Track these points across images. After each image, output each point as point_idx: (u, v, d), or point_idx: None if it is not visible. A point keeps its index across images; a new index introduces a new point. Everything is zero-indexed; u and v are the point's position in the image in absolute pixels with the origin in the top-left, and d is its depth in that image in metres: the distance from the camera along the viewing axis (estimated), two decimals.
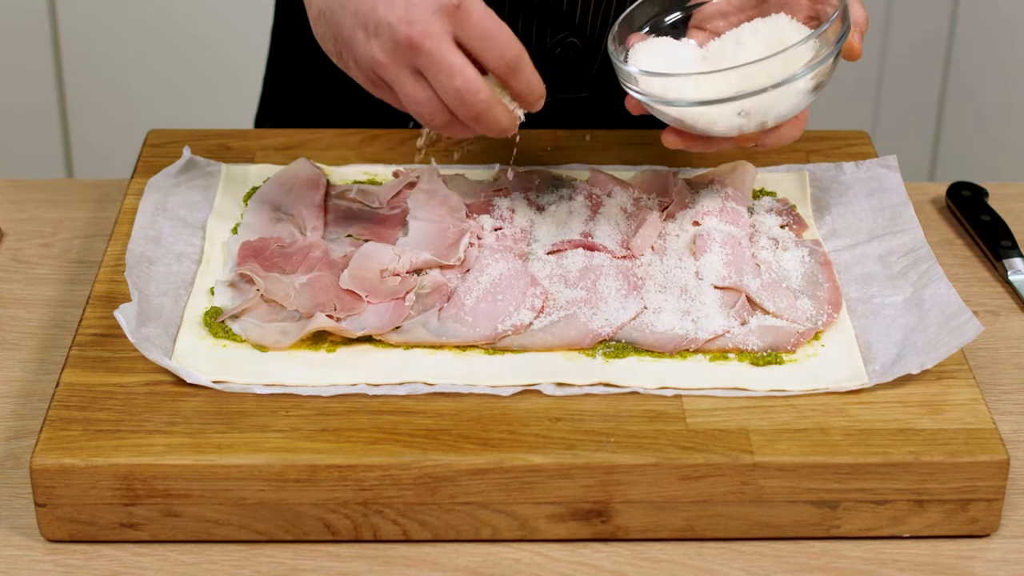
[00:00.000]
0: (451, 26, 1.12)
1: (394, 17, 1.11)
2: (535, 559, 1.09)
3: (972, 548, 1.10)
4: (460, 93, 1.13)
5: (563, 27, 1.45)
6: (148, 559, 1.08)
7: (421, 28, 1.11)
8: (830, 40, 1.20)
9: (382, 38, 1.12)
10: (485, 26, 1.13)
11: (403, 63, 1.13)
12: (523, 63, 1.15)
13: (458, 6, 1.12)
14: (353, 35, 1.14)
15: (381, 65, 1.13)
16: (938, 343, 1.16)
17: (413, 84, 1.14)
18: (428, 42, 1.11)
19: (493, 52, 1.13)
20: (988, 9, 2.58)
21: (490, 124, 1.15)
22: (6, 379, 1.23)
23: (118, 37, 2.60)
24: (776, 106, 1.21)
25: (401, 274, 1.23)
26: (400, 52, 1.12)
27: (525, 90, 1.16)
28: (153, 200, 1.32)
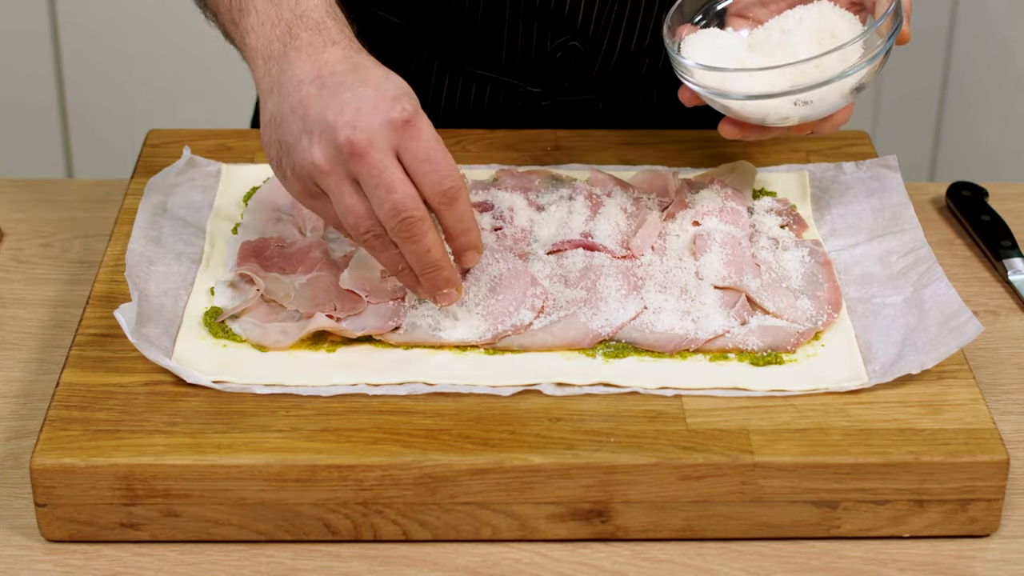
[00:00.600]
0: (397, 141, 1.09)
1: (341, 122, 1.08)
2: (535, 559, 1.09)
3: (972, 548, 1.10)
4: (396, 208, 1.09)
5: (564, 31, 1.45)
6: (148, 559, 1.08)
7: (365, 136, 1.08)
8: (884, 33, 1.21)
9: (324, 143, 1.09)
10: (430, 150, 1.09)
11: (342, 171, 1.10)
12: (460, 197, 1.11)
13: (407, 122, 1.09)
14: (297, 140, 1.10)
15: (320, 171, 1.10)
16: (938, 343, 1.16)
17: (351, 194, 1.10)
18: (371, 152, 1.08)
19: (432, 177, 1.10)
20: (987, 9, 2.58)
21: (420, 250, 1.12)
22: (6, 379, 1.23)
23: (118, 37, 2.60)
24: (830, 96, 1.22)
25: None
26: (341, 158, 1.09)
27: (456, 227, 1.13)
28: (153, 200, 1.32)
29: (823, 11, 1.25)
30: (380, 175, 1.08)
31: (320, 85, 1.11)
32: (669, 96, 1.52)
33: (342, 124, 1.08)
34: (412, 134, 1.09)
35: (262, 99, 1.15)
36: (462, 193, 1.11)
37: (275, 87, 1.13)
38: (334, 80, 1.11)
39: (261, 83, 1.15)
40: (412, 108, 1.09)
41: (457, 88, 1.51)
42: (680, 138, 1.46)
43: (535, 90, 1.50)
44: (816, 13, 1.25)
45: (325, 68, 1.12)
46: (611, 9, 1.44)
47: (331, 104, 1.09)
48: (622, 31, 1.46)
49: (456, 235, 1.14)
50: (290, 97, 1.12)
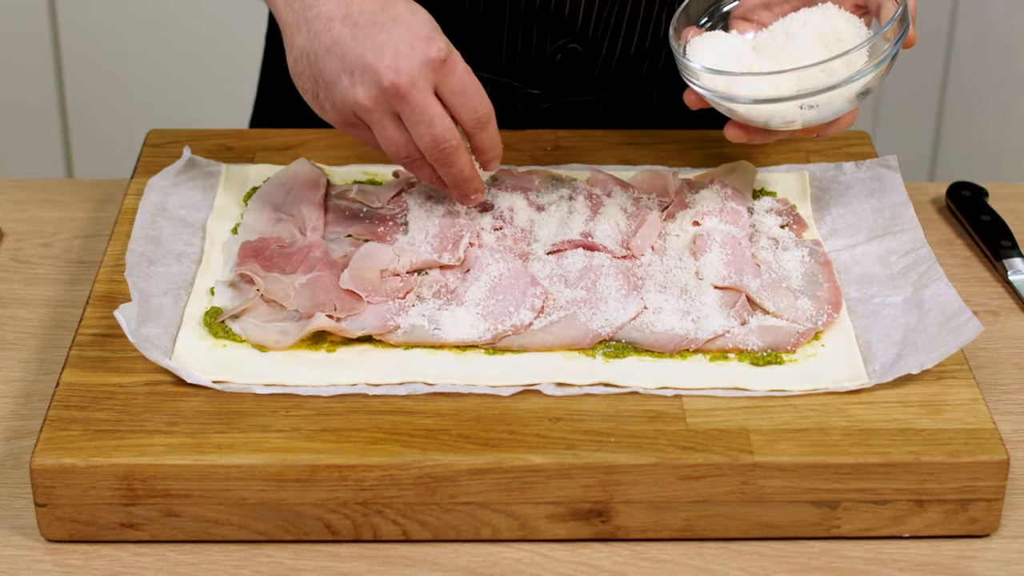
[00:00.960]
0: (435, 79, 1.18)
1: (382, 65, 1.16)
2: (535, 559, 1.09)
3: (972, 548, 1.10)
4: (436, 141, 1.19)
5: (564, 33, 1.45)
6: (148, 559, 1.08)
7: (408, 78, 1.17)
8: (891, 38, 1.21)
9: (367, 84, 1.17)
10: (465, 83, 1.19)
11: (385, 108, 1.19)
12: (491, 121, 1.22)
13: (444, 61, 1.18)
14: (336, 79, 1.18)
15: (363, 108, 1.18)
16: (938, 343, 1.16)
17: (393, 128, 1.20)
18: (413, 92, 1.17)
19: (468, 107, 1.20)
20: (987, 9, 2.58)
21: (455, 171, 1.22)
22: (6, 379, 1.23)
23: (118, 37, 2.60)
24: (836, 101, 1.22)
25: (401, 274, 1.23)
26: (384, 98, 1.18)
27: (486, 145, 1.23)
28: (153, 200, 1.32)
29: (827, 14, 1.25)
30: (422, 112, 1.18)
31: (352, 24, 1.18)
32: (669, 97, 1.52)
33: (384, 67, 1.16)
34: (448, 71, 1.18)
35: (287, 34, 1.21)
36: (492, 117, 1.22)
37: (302, 24, 1.20)
38: (365, 18, 1.18)
39: (284, 17, 1.21)
40: (446, 45, 1.18)
41: None
42: (680, 138, 1.46)
43: (535, 92, 1.49)
44: (820, 16, 1.25)
45: (353, 5, 1.19)
46: (611, 11, 1.44)
47: (368, 46, 1.17)
48: (622, 33, 1.46)
49: (486, 151, 1.24)
50: (322, 35, 1.18)
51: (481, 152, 1.24)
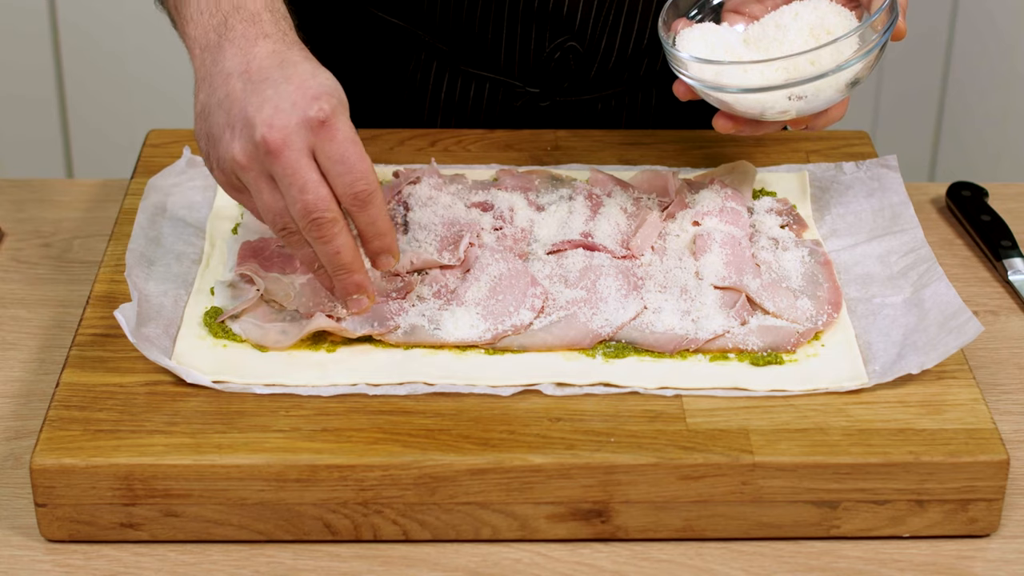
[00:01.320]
0: (313, 140, 1.09)
1: (259, 119, 1.09)
2: (535, 559, 1.09)
3: (972, 548, 1.10)
4: (307, 209, 1.09)
5: (562, 31, 1.45)
6: (148, 559, 1.08)
7: (281, 135, 1.08)
8: (879, 28, 1.21)
9: (243, 139, 1.10)
10: (345, 152, 1.09)
11: (260, 168, 1.10)
12: (372, 202, 1.11)
13: (323, 123, 1.09)
14: (221, 134, 1.11)
15: (239, 165, 1.10)
16: (938, 343, 1.16)
17: (268, 191, 1.11)
18: (285, 151, 1.08)
19: (345, 179, 1.09)
20: (987, 9, 2.58)
21: (330, 251, 1.11)
22: (6, 379, 1.23)
23: (118, 37, 2.60)
24: (825, 91, 1.21)
25: (401, 274, 1.23)
26: (258, 155, 1.09)
27: (369, 230, 1.12)
28: (153, 200, 1.32)
29: (818, 6, 1.25)
30: (293, 175, 1.09)
31: (247, 79, 1.11)
32: (668, 96, 1.52)
33: (260, 121, 1.09)
34: (327, 135, 1.09)
35: (196, 89, 1.15)
36: (375, 197, 1.11)
37: (207, 78, 1.14)
38: (260, 75, 1.11)
39: (197, 73, 1.16)
40: (330, 108, 1.09)
41: (456, 88, 1.51)
42: (680, 138, 1.46)
43: (534, 90, 1.50)
44: (811, 8, 1.25)
45: (253, 62, 1.12)
46: (609, 10, 1.44)
47: (253, 100, 1.10)
48: (620, 32, 1.46)
49: (370, 238, 1.13)
50: (218, 90, 1.12)
51: (365, 239, 1.13)
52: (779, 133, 1.48)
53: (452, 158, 1.43)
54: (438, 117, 1.52)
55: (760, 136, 1.38)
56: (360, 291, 1.14)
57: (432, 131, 1.47)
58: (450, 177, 1.36)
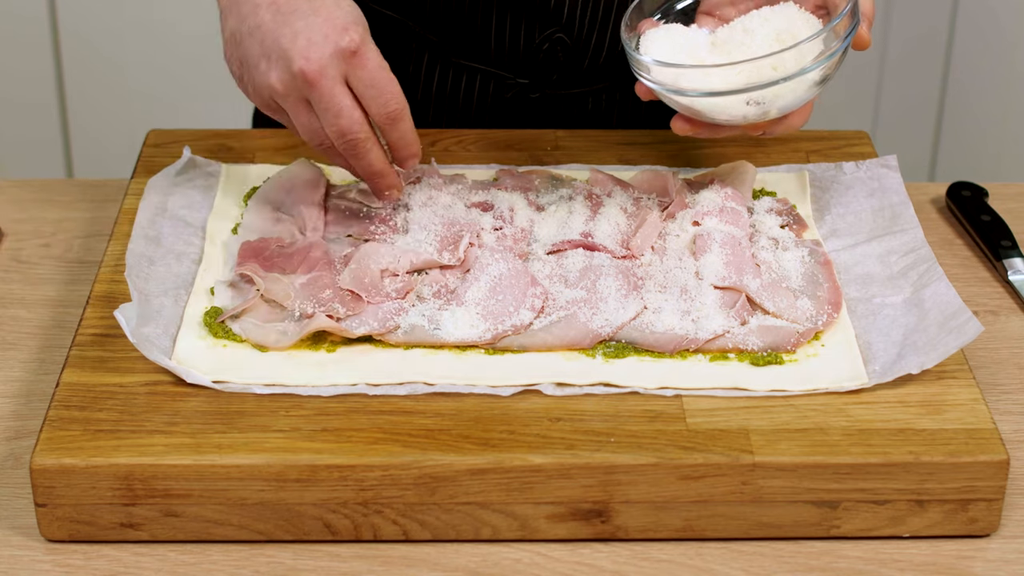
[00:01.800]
0: (345, 69, 1.19)
1: (295, 51, 1.18)
2: (535, 559, 1.09)
3: (972, 548, 1.10)
4: (343, 132, 1.20)
5: (551, 24, 1.45)
6: (148, 559, 1.08)
7: (317, 66, 1.18)
8: (840, 34, 1.20)
9: (280, 69, 1.19)
10: (376, 77, 1.19)
11: (296, 94, 1.20)
12: (403, 118, 1.22)
13: (355, 52, 1.18)
14: (257, 62, 1.20)
15: (277, 92, 1.20)
16: (938, 343, 1.16)
17: (305, 114, 1.21)
18: (321, 80, 1.18)
19: (378, 102, 1.20)
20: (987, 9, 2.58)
21: (364, 164, 1.23)
22: (6, 379, 1.23)
23: (118, 37, 2.60)
24: (784, 97, 1.21)
25: (401, 274, 1.23)
26: (295, 84, 1.19)
27: (399, 143, 1.23)
28: (153, 200, 1.32)
29: (787, 13, 1.25)
30: (329, 101, 1.19)
31: (275, 11, 1.20)
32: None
33: (295, 53, 1.18)
34: (359, 63, 1.19)
35: (222, 16, 1.24)
36: (405, 113, 1.21)
37: (233, 7, 1.22)
38: (288, 6, 1.20)
39: (220, 1, 1.24)
40: (360, 37, 1.19)
41: (447, 80, 1.51)
42: (680, 138, 1.46)
43: (523, 81, 1.50)
44: (780, 14, 1.25)
45: None
46: (597, 4, 1.44)
47: (285, 32, 1.19)
48: (609, 26, 1.46)
49: (399, 148, 1.24)
50: (248, 19, 1.21)
51: (395, 149, 1.24)
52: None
53: (452, 158, 1.43)
54: (430, 108, 1.53)
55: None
56: (392, 187, 1.27)
57: (432, 131, 1.47)
58: (450, 177, 1.36)
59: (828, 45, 1.20)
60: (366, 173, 1.24)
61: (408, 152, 1.24)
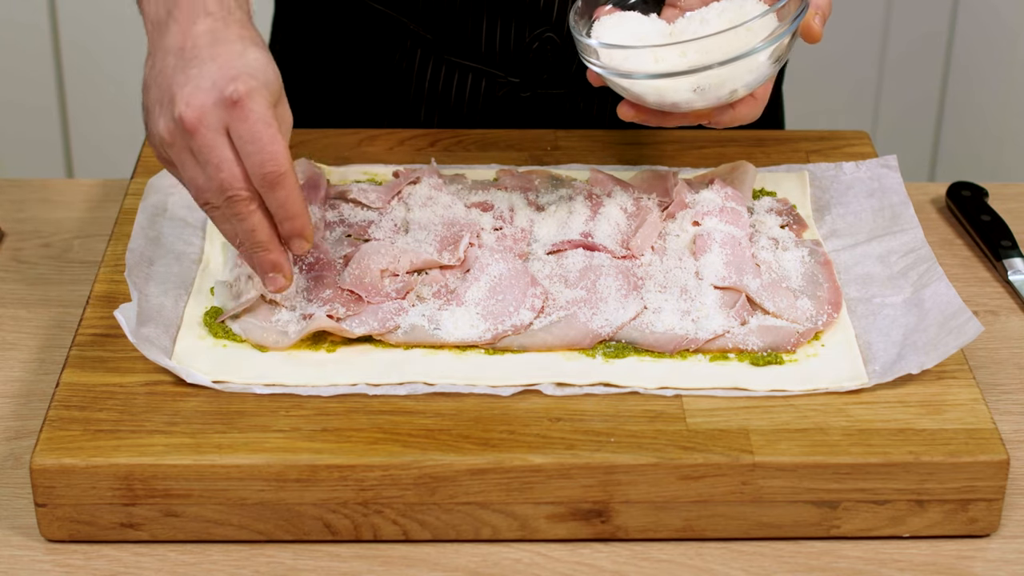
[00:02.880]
0: (227, 120, 1.10)
1: (179, 97, 1.11)
2: (535, 559, 1.09)
3: (972, 548, 1.10)
4: (222, 187, 1.11)
5: (540, 23, 1.45)
6: (148, 559, 1.08)
7: (197, 113, 1.10)
8: (786, 17, 1.20)
9: (166, 116, 1.12)
10: (256, 132, 1.10)
11: (180, 143, 1.12)
12: (283, 183, 1.11)
13: (236, 103, 1.09)
14: (152, 108, 1.14)
15: (164, 141, 1.12)
16: (938, 343, 1.16)
17: (191, 166, 1.12)
18: (200, 128, 1.10)
19: (255, 159, 1.10)
20: (988, 9, 2.58)
21: (246, 228, 1.13)
22: (6, 379, 1.23)
23: (118, 37, 2.60)
24: (730, 82, 1.21)
25: (401, 274, 1.23)
26: (178, 131, 1.11)
27: (279, 212, 1.13)
28: (153, 200, 1.32)
29: (744, 5, 1.24)
30: (209, 152, 1.10)
31: (179, 57, 1.13)
32: None
33: (180, 99, 1.11)
34: (240, 115, 1.10)
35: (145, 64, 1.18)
36: (286, 178, 1.11)
37: (152, 53, 1.16)
38: (192, 54, 1.12)
39: (148, 47, 1.18)
40: (245, 88, 1.10)
41: (440, 77, 1.51)
42: (680, 138, 1.46)
43: (514, 80, 1.50)
44: (737, 7, 1.24)
45: (189, 40, 1.13)
46: None
47: (179, 77, 1.12)
48: None
49: (281, 220, 1.13)
50: (156, 65, 1.14)
51: (277, 220, 1.13)
52: (779, 133, 1.48)
53: (452, 158, 1.43)
54: (422, 107, 1.53)
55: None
56: (276, 270, 1.15)
57: (432, 131, 1.47)
58: (450, 177, 1.36)
59: (774, 29, 1.19)
60: (248, 243, 1.14)
61: (292, 226, 1.13)
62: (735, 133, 1.47)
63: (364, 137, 1.46)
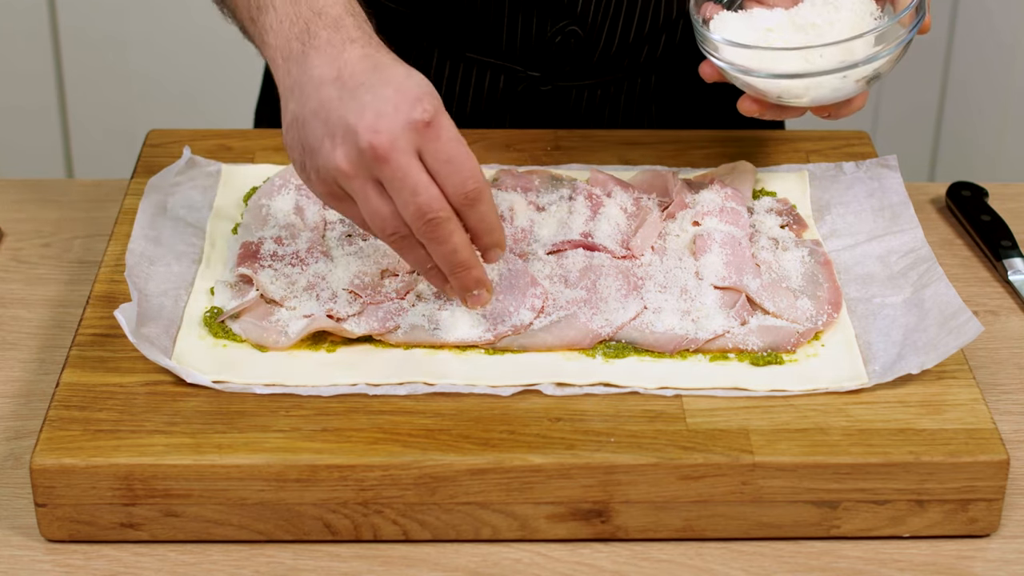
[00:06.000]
0: (419, 142, 1.08)
1: (362, 126, 1.07)
2: (535, 559, 1.09)
3: (972, 548, 1.10)
4: (421, 210, 1.08)
5: (564, 15, 1.45)
6: (148, 559, 1.08)
7: (388, 139, 1.07)
8: (906, 24, 1.23)
9: (347, 146, 1.08)
10: (452, 150, 1.08)
11: (366, 174, 1.09)
12: (482, 199, 1.09)
13: (428, 124, 1.08)
14: (320, 144, 1.10)
15: (343, 174, 1.09)
16: (938, 343, 1.16)
17: (376, 197, 1.09)
18: (392, 154, 1.07)
19: (454, 178, 1.08)
20: (987, 9, 2.58)
21: (447, 250, 1.11)
22: (6, 379, 1.23)
23: (118, 37, 2.60)
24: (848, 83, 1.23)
25: (401, 274, 1.23)
26: (364, 162, 1.08)
27: (479, 227, 1.11)
28: (153, 200, 1.32)
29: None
30: (404, 178, 1.07)
31: (340, 86, 1.10)
32: (667, 83, 1.52)
33: (363, 127, 1.07)
34: (433, 135, 1.08)
35: (283, 99, 1.14)
36: (485, 193, 1.10)
37: (296, 88, 1.12)
38: (354, 81, 1.09)
39: (282, 83, 1.14)
40: (433, 108, 1.08)
41: (458, 75, 1.51)
42: (680, 138, 1.46)
43: (535, 74, 1.50)
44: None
45: (345, 68, 1.11)
46: None
47: (352, 106, 1.08)
48: (621, 17, 1.46)
49: (480, 234, 1.12)
50: (311, 99, 1.11)
51: (474, 236, 1.12)
52: (779, 133, 1.48)
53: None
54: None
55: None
56: (480, 286, 1.14)
57: None
58: None
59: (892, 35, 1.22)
60: (449, 263, 1.11)
61: (491, 239, 1.12)
62: (735, 133, 1.47)
63: None
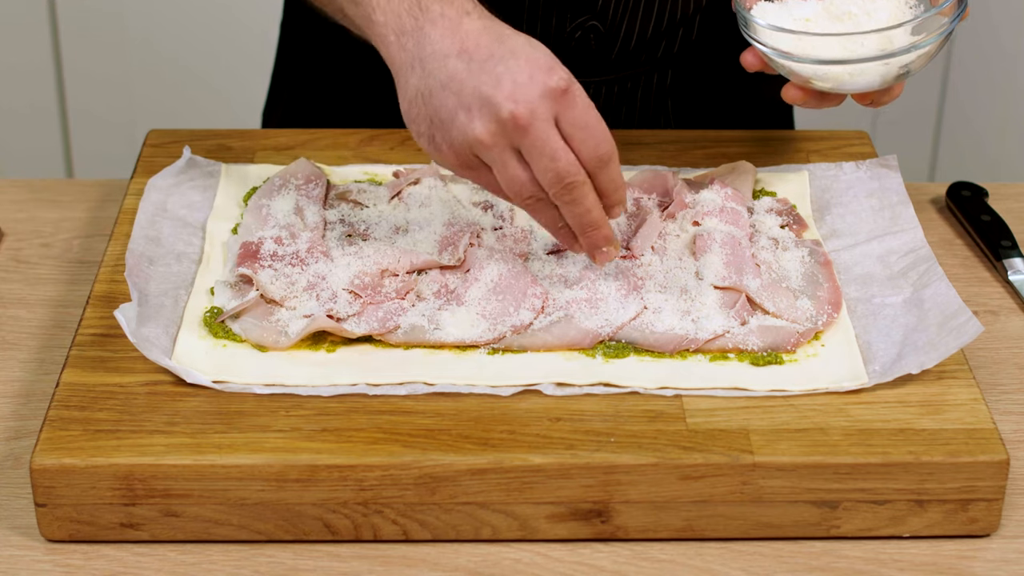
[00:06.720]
0: (556, 110, 1.12)
1: (501, 96, 1.11)
2: (535, 559, 1.09)
3: (972, 548, 1.10)
4: (560, 176, 1.13)
5: (584, 11, 1.45)
6: (148, 559, 1.08)
7: (528, 108, 1.11)
8: (948, 13, 1.22)
9: (485, 118, 1.12)
10: (587, 117, 1.13)
11: (505, 143, 1.13)
12: (613, 160, 1.14)
13: (565, 91, 1.12)
14: (453, 116, 1.13)
15: (482, 144, 1.13)
16: (938, 343, 1.16)
17: (515, 164, 1.13)
18: (534, 123, 1.11)
19: (589, 143, 1.13)
20: (987, 10, 2.58)
21: (581, 211, 1.15)
22: (6, 379, 1.23)
23: (118, 37, 2.60)
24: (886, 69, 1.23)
25: (401, 274, 1.23)
26: (503, 131, 1.12)
27: (608, 187, 1.16)
28: (153, 200, 1.32)
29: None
30: (543, 145, 1.12)
31: (468, 59, 1.13)
32: (684, 79, 1.52)
33: (503, 98, 1.11)
34: (569, 102, 1.12)
35: (401, 74, 1.16)
36: (615, 156, 1.15)
37: (416, 62, 1.15)
38: (481, 53, 1.13)
39: (396, 58, 1.17)
40: (567, 76, 1.13)
41: None
42: (680, 138, 1.46)
43: None
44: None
45: (468, 40, 1.14)
46: None
47: (484, 79, 1.12)
48: (640, 13, 1.46)
49: (608, 193, 1.16)
50: (438, 72, 1.14)
51: (603, 195, 1.16)
52: (779, 133, 1.48)
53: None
54: None
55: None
56: (609, 243, 1.19)
57: None
58: (450, 177, 1.36)
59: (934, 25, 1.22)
60: (582, 223, 1.16)
61: (617, 197, 1.17)
62: (735, 133, 1.47)
63: (364, 137, 1.46)
